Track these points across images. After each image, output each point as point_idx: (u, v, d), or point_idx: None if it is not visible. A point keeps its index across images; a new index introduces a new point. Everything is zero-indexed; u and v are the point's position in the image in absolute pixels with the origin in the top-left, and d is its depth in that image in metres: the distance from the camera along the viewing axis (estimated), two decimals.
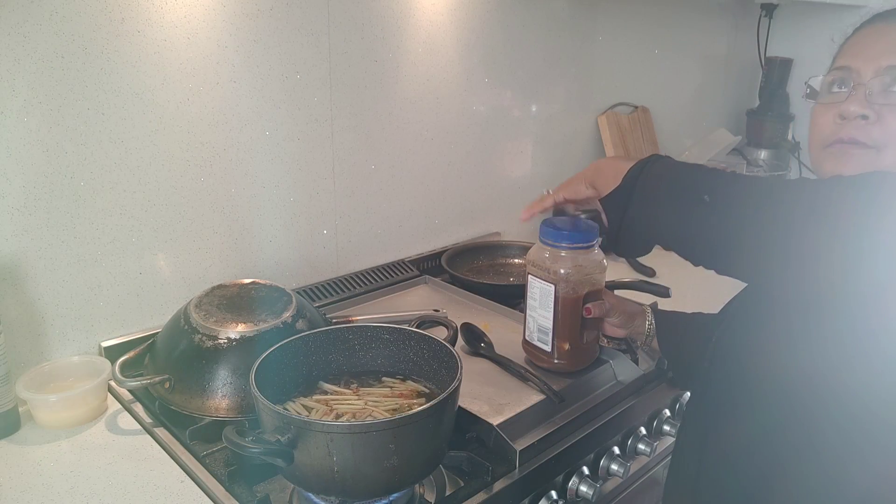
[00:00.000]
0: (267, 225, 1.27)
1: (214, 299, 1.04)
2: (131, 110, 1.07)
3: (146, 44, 1.06)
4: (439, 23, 1.46)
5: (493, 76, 1.61)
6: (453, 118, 1.55)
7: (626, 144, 1.96)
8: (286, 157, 1.27)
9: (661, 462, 1.21)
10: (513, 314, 1.28)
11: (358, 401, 0.88)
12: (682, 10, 2.14)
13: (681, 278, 1.61)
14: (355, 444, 0.73)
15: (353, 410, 0.86)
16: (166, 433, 0.95)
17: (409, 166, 1.49)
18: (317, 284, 1.35)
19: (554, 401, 0.98)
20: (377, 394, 0.90)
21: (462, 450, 0.89)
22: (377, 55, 1.36)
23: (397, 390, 0.91)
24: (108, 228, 1.08)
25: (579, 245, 1.01)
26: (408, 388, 0.91)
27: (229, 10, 1.14)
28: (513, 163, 1.73)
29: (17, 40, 0.94)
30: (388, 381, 0.94)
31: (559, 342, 1.04)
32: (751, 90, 2.61)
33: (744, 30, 2.48)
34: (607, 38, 1.90)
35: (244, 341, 0.97)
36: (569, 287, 1.01)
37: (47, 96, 0.98)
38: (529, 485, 0.90)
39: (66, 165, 1.02)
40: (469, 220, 1.66)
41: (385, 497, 0.81)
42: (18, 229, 1.00)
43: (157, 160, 1.11)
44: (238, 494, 0.82)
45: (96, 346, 1.10)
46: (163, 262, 1.15)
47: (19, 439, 0.95)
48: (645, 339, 1.06)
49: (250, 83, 1.19)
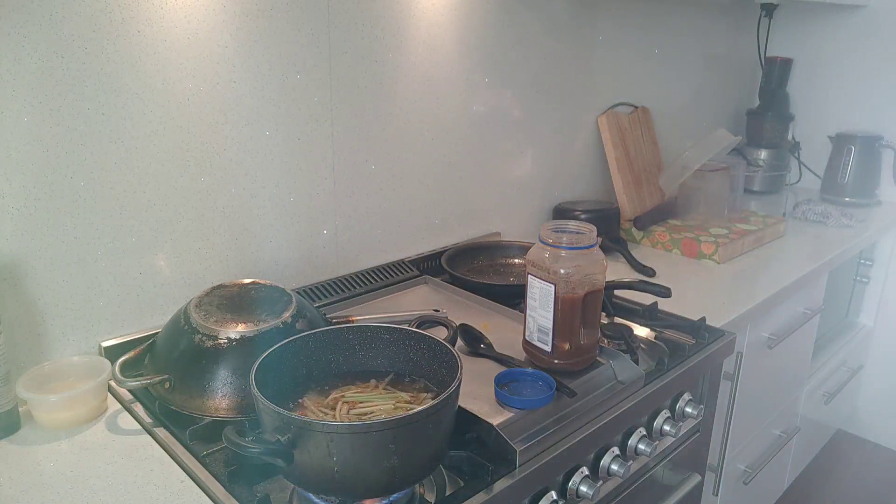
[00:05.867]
0: (267, 225, 1.27)
1: (214, 299, 1.04)
2: (131, 110, 1.07)
3: (146, 44, 1.06)
4: (439, 23, 1.46)
5: (493, 76, 1.61)
6: (453, 118, 1.55)
7: (626, 144, 1.96)
8: (286, 157, 1.27)
9: (661, 462, 1.21)
10: (513, 314, 1.28)
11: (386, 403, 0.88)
12: (682, 11, 2.14)
13: (681, 278, 1.61)
14: (355, 444, 0.73)
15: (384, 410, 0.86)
16: (166, 433, 0.95)
17: (409, 166, 1.49)
18: (317, 284, 1.35)
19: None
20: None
21: (462, 450, 0.89)
22: (377, 55, 1.36)
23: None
24: (108, 228, 1.08)
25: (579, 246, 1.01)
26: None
27: (229, 10, 1.14)
28: (513, 163, 1.73)
29: (17, 40, 0.94)
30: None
31: (559, 342, 1.04)
32: (751, 90, 2.61)
33: (744, 30, 2.48)
34: (607, 38, 1.90)
35: (244, 341, 0.97)
36: (569, 287, 1.01)
37: (47, 96, 0.98)
38: (529, 485, 0.90)
39: (66, 165, 1.02)
40: (469, 220, 1.66)
41: (385, 497, 0.81)
42: (18, 229, 1.00)
43: (157, 160, 1.11)
44: (238, 494, 0.82)
45: (96, 346, 1.10)
46: (163, 262, 1.15)
47: (19, 439, 0.95)
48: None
49: (250, 83, 1.19)
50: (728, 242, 1.73)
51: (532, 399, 0.97)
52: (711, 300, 1.47)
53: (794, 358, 1.88)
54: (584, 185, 1.97)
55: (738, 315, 1.40)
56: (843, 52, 2.38)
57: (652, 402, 1.09)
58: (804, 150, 2.52)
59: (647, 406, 1.09)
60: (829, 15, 2.40)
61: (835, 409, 2.34)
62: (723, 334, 1.27)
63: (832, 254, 1.81)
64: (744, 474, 1.74)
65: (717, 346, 1.24)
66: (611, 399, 1.03)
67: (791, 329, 1.69)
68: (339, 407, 0.86)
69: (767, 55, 2.50)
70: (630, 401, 1.05)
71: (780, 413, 1.89)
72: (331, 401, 0.88)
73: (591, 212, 1.77)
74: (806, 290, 1.78)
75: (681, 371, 1.14)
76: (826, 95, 2.45)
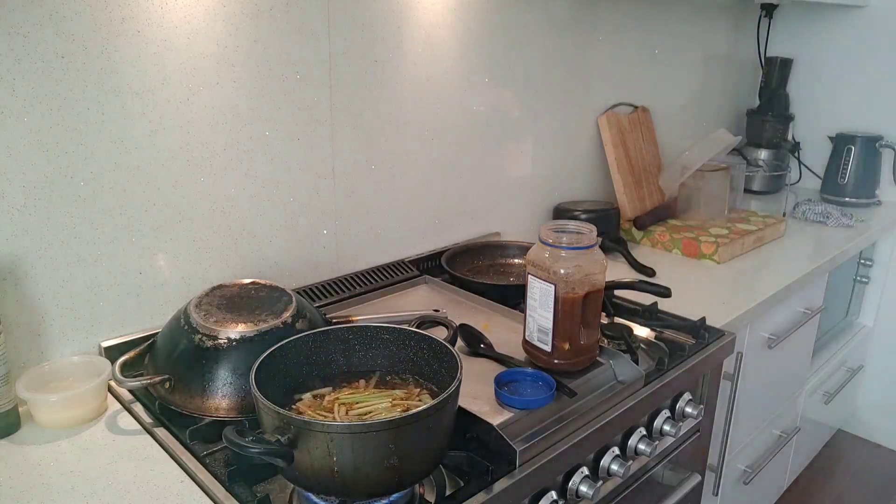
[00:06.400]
0: (267, 225, 1.27)
1: (214, 299, 1.04)
2: (131, 110, 1.07)
3: (146, 44, 1.06)
4: (439, 23, 1.46)
5: (493, 76, 1.61)
6: (453, 118, 1.55)
7: (626, 144, 1.96)
8: (286, 157, 1.27)
9: (661, 462, 1.21)
10: (513, 314, 1.28)
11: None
12: (682, 11, 2.14)
13: (681, 278, 1.61)
14: (355, 444, 0.73)
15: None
16: (166, 433, 0.95)
17: (409, 166, 1.49)
18: (317, 284, 1.35)
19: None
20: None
21: (462, 450, 0.89)
22: (377, 55, 1.36)
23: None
24: (108, 228, 1.08)
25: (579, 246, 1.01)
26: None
27: (229, 10, 1.14)
28: (513, 163, 1.73)
29: (17, 40, 0.94)
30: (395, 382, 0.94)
31: (559, 342, 1.04)
32: (751, 90, 2.61)
33: (744, 30, 2.48)
34: (607, 39, 1.90)
35: (244, 341, 0.97)
36: (569, 287, 1.01)
37: (47, 96, 0.98)
38: (529, 485, 0.90)
39: (66, 165, 1.02)
40: (469, 220, 1.66)
41: (385, 497, 0.81)
42: (18, 229, 1.00)
43: (157, 160, 1.11)
44: (238, 494, 0.82)
45: (96, 346, 1.10)
46: (163, 262, 1.15)
47: (19, 439, 0.95)
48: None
49: (250, 83, 1.19)
50: (728, 242, 1.73)
51: (532, 399, 0.97)
52: (711, 300, 1.47)
53: (794, 358, 1.88)
54: (584, 185, 1.97)
55: (738, 315, 1.40)
56: (843, 52, 2.38)
57: (652, 402, 1.09)
58: (804, 150, 2.52)
59: (647, 406, 1.09)
60: (829, 15, 2.40)
61: (835, 409, 2.34)
62: (723, 334, 1.27)
63: (832, 254, 1.81)
64: (744, 474, 1.74)
65: (717, 346, 1.24)
66: (611, 399, 1.03)
67: (791, 329, 1.69)
68: (337, 409, 0.86)
69: (767, 55, 2.50)
70: (630, 401, 1.05)
71: (780, 413, 1.89)
72: (327, 403, 0.88)
73: (591, 212, 1.77)
74: (806, 290, 1.78)
75: (681, 371, 1.14)
76: (826, 95, 2.45)
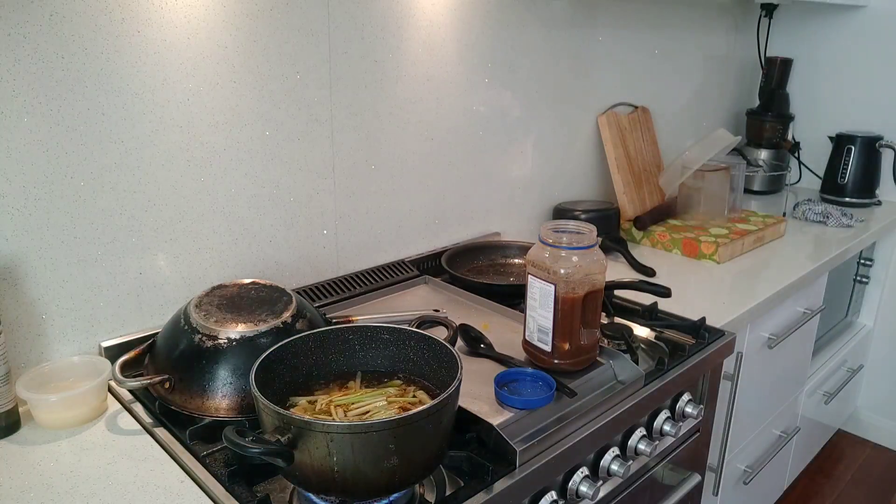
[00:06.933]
0: (267, 225, 1.28)
1: (214, 299, 1.04)
2: (131, 110, 1.07)
3: (146, 44, 1.06)
4: (439, 23, 1.46)
5: (493, 76, 1.61)
6: (453, 118, 1.55)
7: (626, 144, 1.96)
8: (286, 157, 1.27)
9: (661, 462, 1.21)
10: (513, 314, 1.28)
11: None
12: (682, 11, 2.14)
13: (681, 278, 1.61)
14: (355, 444, 0.73)
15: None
16: (166, 433, 0.95)
17: (409, 166, 1.49)
18: (317, 284, 1.35)
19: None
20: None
21: (462, 450, 0.89)
22: (377, 55, 1.36)
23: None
24: (108, 228, 1.08)
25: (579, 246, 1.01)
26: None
27: (229, 10, 1.14)
28: (513, 163, 1.73)
29: (17, 40, 0.94)
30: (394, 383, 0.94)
31: (559, 342, 1.04)
32: (751, 90, 2.61)
33: (744, 30, 2.48)
34: (607, 39, 1.90)
35: (244, 341, 0.97)
36: (569, 287, 1.01)
37: (47, 96, 0.98)
38: (529, 485, 0.90)
39: (66, 165, 1.02)
40: (469, 220, 1.66)
41: (385, 497, 0.81)
42: (18, 229, 1.00)
43: (157, 160, 1.11)
44: (238, 494, 0.82)
45: (96, 346, 1.10)
46: (163, 262, 1.15)
47: (19, 439, 0.95)
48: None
49: (250, 83, 1.19)
50: (728, 242, 1.73)
51: (532, 399, 0.97)
52: (711, 300, 1.47)
53: (794, 358, 1.88)
54: (584, 185, 1.97)
55: (738, 315, 1.40)
56: (843, 53, 2.38)
57: (652, 402, 1.09)
58: (804, 150, 2.52)
59: (647, 406, 1.09)
60: (829, 15, 2.40)
61: (835, 409, 2.34)
62: (723, 334, 1.27)
63: (832, 254, 1.81)
64: (744, 474, 1.74)
65: (717, 346, 1.24)
66: (611, 399, 1.03)
67: (791, 329, 1.69)
68: (335, 410, 0.86)
69: (767, 55, 2.50)
70: (630, 401, 1.05)
71: (780, 413, 1.89)
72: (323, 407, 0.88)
73: (591, 212, 1.77)
74: (806, 290, 1.78)
75: (681, 371, 1.14)
76: (826, 95, 2.45)
